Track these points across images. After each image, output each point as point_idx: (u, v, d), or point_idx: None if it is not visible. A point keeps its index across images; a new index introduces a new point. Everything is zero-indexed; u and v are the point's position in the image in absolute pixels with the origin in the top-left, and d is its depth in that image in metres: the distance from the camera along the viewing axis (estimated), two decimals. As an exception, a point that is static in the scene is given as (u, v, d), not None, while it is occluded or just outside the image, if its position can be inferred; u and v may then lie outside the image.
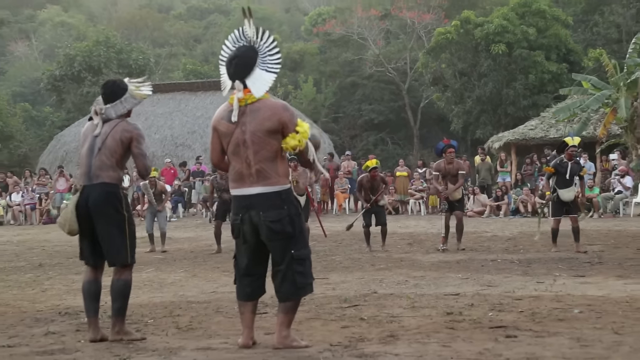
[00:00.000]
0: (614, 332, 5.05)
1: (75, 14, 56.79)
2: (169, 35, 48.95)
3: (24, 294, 8.21)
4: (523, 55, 30.25)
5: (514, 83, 30.48)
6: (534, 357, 4.30)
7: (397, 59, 35.90)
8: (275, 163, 4.67)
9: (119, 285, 5.23)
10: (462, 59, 31.49)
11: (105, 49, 39.15)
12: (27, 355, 4.82)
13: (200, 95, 29.82)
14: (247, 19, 4.75)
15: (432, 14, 35.10)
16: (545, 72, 30.17)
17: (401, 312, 6.11)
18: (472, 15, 31.04)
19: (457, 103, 31.89)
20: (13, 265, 11.39)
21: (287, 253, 4.65)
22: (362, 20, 36.48)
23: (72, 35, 48.36)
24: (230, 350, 4.74)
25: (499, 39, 29.94)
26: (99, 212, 5.15)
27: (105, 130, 5.21)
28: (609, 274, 8.54)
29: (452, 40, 30.96)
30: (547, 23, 31.06)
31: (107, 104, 5.26)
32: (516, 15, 30.72)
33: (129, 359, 4.55)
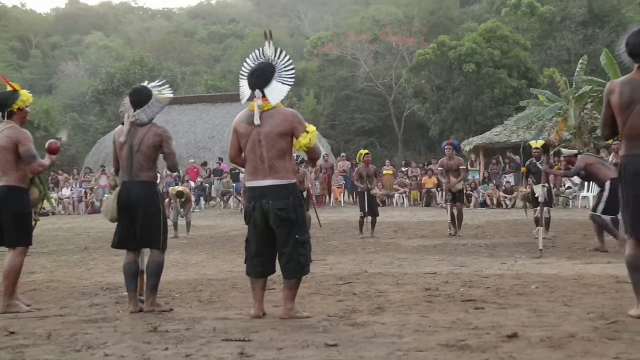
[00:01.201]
0: (564, 304, 5.08)
1: (115, 39, 56.85)
2: (193, 55, 48.92)
3: (72, 272, 8.23)
4: (489, 73, 30.38)
5: (482, 96, 30.57)
6: (498, 325, 4.30)
7: (384, 75, 35.91)
8: (285, 160, 4.73)
9: (153, 265, 5.26)
10: (438, 75, 31.51)
11: (140, 68, 39.15)
12: (75, 323, 4.85)
13: (219, 106, 29.82)
14: (268, 41, 4.88)
15: (413, 38, 35.11)
16: (507, 87, 30.33)
17: (387, 288, 6.14)
18: (447, 40, 31.08)
19: (435, 113, 31.91)
20: (63, 248, 11.40)
21: (291, 237, 4.69)
22: (355, 43, 36.52)
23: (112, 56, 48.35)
24: (244, 320, 4.76)
25: (469, 59, 30.07)
26: (139, 205, 5.18)
27: (140, 135, 5.22)
28: (561, 255, 8.58)
29: (430, 60, 31.01)
30: (509, 46, 31.23)
31: (135, 109, 5.26)
32: (483, 40, 30.86)
33: (160, 326, 4.56)
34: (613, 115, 4.48)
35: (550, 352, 3.57)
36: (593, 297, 5.36)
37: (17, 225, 5.45)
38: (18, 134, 5.40)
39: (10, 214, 5.40)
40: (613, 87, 4.48)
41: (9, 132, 5.41)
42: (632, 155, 4.43)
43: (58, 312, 5.39)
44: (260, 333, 4.26)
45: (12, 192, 5.44)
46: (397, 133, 35.71)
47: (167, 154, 5.29)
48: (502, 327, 4.23)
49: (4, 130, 5.43)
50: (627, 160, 4.47)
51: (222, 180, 23.57)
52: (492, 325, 4.32)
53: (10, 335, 4.48)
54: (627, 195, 4.49)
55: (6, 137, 5.37)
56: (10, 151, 5.37)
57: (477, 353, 3.58)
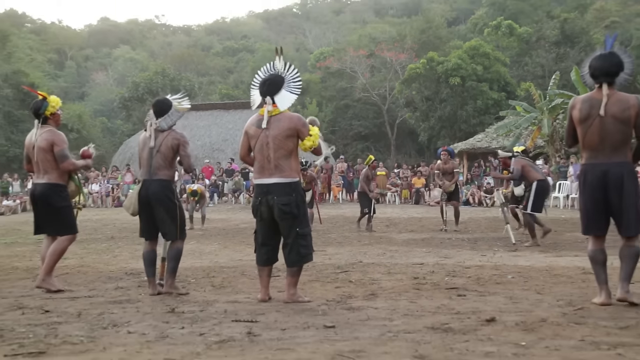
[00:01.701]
0: (536, 292, 5.08)
1: (140, 52, 56.96)
2: (209, 67, 49.00)
3: (100, 259, 8.24)
4: (473, 86, 30.36)
5: (466, 106, 30.55)
6: (478, 310, 4.31)
7: (379, 87, 35.88)
8: (290, 160, 4.73)
9: (172, 251, 5.29)
10: (427, 88, 31.49)
11: (162, 78, 39.20)
12: (102, 304, 4.86)
13: (232, 113, 29.80)
14: (278, 55, 4.92)
15: (405, 54, 35.07)
16: (489, 99, 30.34)
17: (380, 276, 6.13)
18: (435, 56, 31.06)
19: (424, 121, 31.90)
20: (92, 237, 11.40)
21: (293, 230, 4.69)
22: (353, 58, 36.50)
23: (138, 67, 48.47)
24: (251, 303, 4.76)
25: (455, 74, 30.07)
26: (157, 200, 5.19)
27: (160, 139, 5.24)
28: (534, 249, 8.57)
29: (420, 74, 31.01)
30: (491, 62, 31.22)
31: (157, 118, 5.29)
32: (468, 56, 30.85)
33: (177, 308, 4.56)
34: (574, 127, 4.56)
35: (524, 335, 3.57)
36: (562, 287, 5.36)
37: (61, 217, 5.52)
38: (54, 137, 5.48)
39: (53, 207, 5.48)
40: (575, 103, 4.57)
41: (46, 135, 5.48)
42: (591, 164, 4.50)
43: (87, 293, 5.40)
44: (266, 315, 4.27)
45: (53, 188, 5.50)
46: (390, 138, 35.70)
47: (183, 157, 5.31)
48: (481, 312, 4.24)
49: (42, 133, 5.50)
50: (586, 168, 4.53)
51: (233, 179, 23.59)
52: (472, 310, 4.32)
53: (45, 313, 4.50)
54: (585, 199, 4.55)
55: (44, 140, 5.45)
56: (49, 152, 5.45)
57: (459, 335, 3.59)
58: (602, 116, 4.34)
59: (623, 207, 4.35)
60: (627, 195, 4.35)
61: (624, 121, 4.33)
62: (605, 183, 4.39)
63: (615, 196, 4.37)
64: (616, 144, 4.37)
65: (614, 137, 4.36)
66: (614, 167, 4.38)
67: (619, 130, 4.34)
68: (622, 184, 4.35)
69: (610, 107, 4.34)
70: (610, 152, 4.38)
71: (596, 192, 4.43)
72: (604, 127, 4.36)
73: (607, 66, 4.40)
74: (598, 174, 4.41)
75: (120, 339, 3.63)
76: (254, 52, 49.73)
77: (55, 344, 3.54)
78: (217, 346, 3.41)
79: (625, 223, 4.37)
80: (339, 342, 3.46)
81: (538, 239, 9.01)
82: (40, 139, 5.45)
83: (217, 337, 3.61)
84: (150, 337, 3.65)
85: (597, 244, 4.50)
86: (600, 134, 4.38)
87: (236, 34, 63.95)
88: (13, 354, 3.32)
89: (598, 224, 4.47)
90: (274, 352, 3.26)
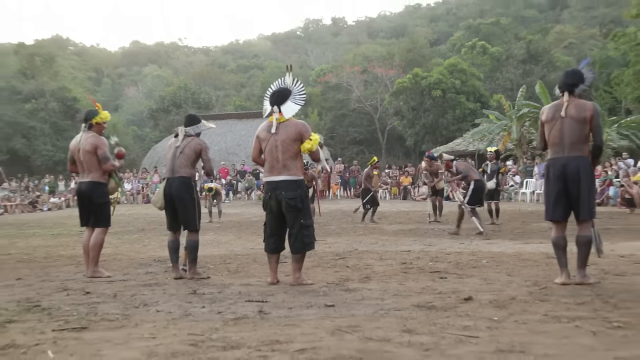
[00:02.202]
0: (507, 274, 5.08)
1: (166, 70, 56.79)
2: (225, 82, 48.85)
3: (132, 248, 8.25)
4: (452, 97, 30.26)
5: (446, 115, 30.46)
6: (457, 290, 4.30)
7: (371, 98, 35.77)
8: (295, 161, 4.73)
9: (191, 243, 5.29)
10: (413, 99, 31.38)
11: (184, 92, 39.09)
12: (134, 286, 4.87)
13: (244, 121, 29.73)
14: (288, 72, 4.94)
15: (394, 70, 35.01)
16: (466, 108, 30.25)
17: (373, 262, 6.13)
18: (420, 72, 30.97)
19: (410, 127, 31.83)
20: (125, 229, 11.42)
21: (297, 221, 4.69)
22: (349, 74, 36.40)
23: (164, 83, 48.36)
24: (262, 286, 4.76)
25: (437, 87, 29.95)
26: (179, 195, 5.19)
27: (184, 143, 5.29)
28: (505, 237, 8.57)
29: (407, 87, 30.90)
30: (467, 77, 31.13)
31: (187, 127, 5.36)
32: (447, 72, 30.77)
33: (198, 290, 4.56)
34: (544, 131, 4.64)
35: (496, 311, 3.57)
36: (529, 269, 5.36)
37: (100, 211, 5.53)
38: (97, 141, 5.52)
39: (94, 202, 5.49)
40: (543, 109, 4.73)
41: (91, 139, 5.52)
42: (553, 159, 4.58)
43: (121, 277, 5.41)
44: (275, 296, 4.27)
45: (95, 186, 5.52)
46: (381, 143, 35.62)
47: (205, 160, 5.34)
48: (460, 292, 4.24)
49: (87, 138, 5.54)
50: (551, 163, 4.61)
51: (246, 179, 23.63)
52: (452, 290, 4.32)
53: (86, 294, 4.50)
54: (548, 189, 4.61)
55: (89, 144, 5.49)
56: (92, 154, 5.48)
57: (441, 312, 3.59)
58: (563, 117, 4.47)
59: (579, 195, 4.43)
60: (583, 185, 4.42)
61: (580, 121, 4.42)
62: (565, 174, 4.46)
63: (573, 186, 4.44)
64: (574, 140, 4.45)
65: (572, 135, 4.45)
66: (572, 160, 4.45)
67: (576, 129, 4.44)
68: (579, 175, 4.42)
69: (569, 110, 4.47)
70: (569, 148, 4.46)
71: (557, 182, 4.50)
72: (564, 127, 4.47)
73: (568, 79, 4.56)
74: (559, 167, 4.49)
75: (150, 317, 3.63)
76: (264, 69, 49.58)
77: (95, 320, 3.55)
78: (233, 322, 3.42)
79: (581, 208, 4.45)
80: (338, 318, 3.46)
81: (460, 230, 9.09)
82: (86, 142, 5.49)
83: (233, 315, 3.61)
84: (175, 315, 3.66)
85: (559, 232, 4.58)
86: (561, 132, 4.48)
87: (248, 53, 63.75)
88: (60, 329, 3.33)
89: (558, 210, 4.52)
90: (282, 327, 3.26)
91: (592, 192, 4.50)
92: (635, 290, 4.20)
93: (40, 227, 13.18)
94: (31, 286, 5.01)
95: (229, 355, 2.69)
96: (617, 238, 7.79)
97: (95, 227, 5.53)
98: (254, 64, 55.25)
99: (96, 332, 3.24)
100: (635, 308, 3.60)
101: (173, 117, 37.39)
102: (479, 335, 2.98)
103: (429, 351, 2.71)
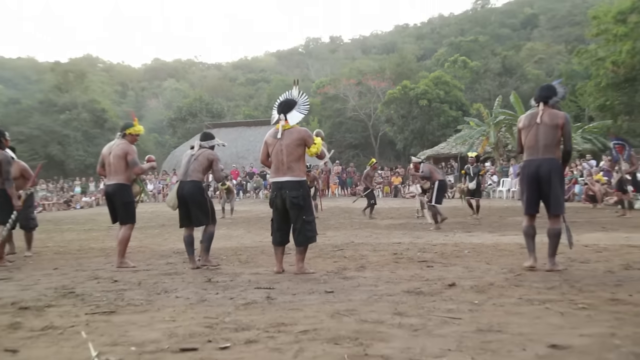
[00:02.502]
0: (486, 263, 5.07)
1: (183, 83, 56.71)
2: (235, 94, 48.79)
3: (154, 241, 8.24)
4: (437, 106, 30.22)
5: (432, 122, 30.42)
6: (442, 278, 4.30)
7: (365, 108, 35.74)
8: (299, 163, 4.72)
9: (206, 234, 5.34)
10: (402, 108, 31.35)
11: (199, 103, 39.18)
12: (157, 275, 4.86)
13: (252, 129, 29.75)
14: (295, 85, 4.96)
15: (385, 82, 34.97)
16: (449, 116, 30.22)
17: (367, 253, 6.11)
18: (408, 83, 30.98)
19: (400, 133, 31.80)
20: (148, 225, 11.41)
21: (300, 217, 4.67)
22: (346, 86, 36.38)
23: (181, 95, 48.32)
24: (269, 275, 4.75)
25: (423, 97, 29.95)
26: (190, 196, 5.22)
27: (199, 152, 5.38)
28: (484, 230, 8.54)
29: (397, 97, 30.89)
30: (450, 88, 31.09)
31: (203, 142, 5.49)
32: (432, 84, 30.76)
33: (212, 278, 4.56)
34: (521, 137, 4.69)
35: (477, 295, 3.57)
36: (505, 258, 5.35)
37: (126, 210, 5.53)
38: (128, 148, 5.54)
39: (121, 202, 5.50)
40: (521, 118, 4.79)
41: (122, 146, 5.54)
42: (528, 160, 4.62)
43: (145, 267, 5.40)
44: (281, 283, 4.26)
45: (122, 187, 5.53)
46: (374, 147, 35.57)
47: (215, 170, 5.41)
48: (445, 279, 4.23)
49: (120, 144, 5.56)
50: (526, 164, 4.65)
51: (254, 179, 23.65)
52: (438, 278, 4.31)
53: (114, 282, 4.50)
54: (524, 187, 4.65)
55: (121, 149, 5.51)
56: (122, 159, 5.49)
57: (428, 297, 3.58)
58: (539, 124, 4.52)
59: (550, 193, 4.46)
60: (554, 184, 4.46)
61: (553, 127, 4.47)
62: (538, 174, 4.49)
63: (545, 184, 4.48)
64: (547, 144, 4.49)
65: (546, 139, 4.49)
66: (544, 162, 4.48)
67: (549, 134, 4.48)
68: (550, 175, 4.45)
69: (544, 118, 4.52)
70: (543, 151, 4.50)
71: (532, 181, 4.53)
72: (539, 132, 4.52)
73: (543, 92, 4.64)
74: (533, 168, 4.52)
75: (170, 302, 3.63)
76: (269, 82, 49.49)
77: (122, 305, 3.55)
78: (244, 307, 3.41)
79: (552, 204, 4.48)
80: (337, 303, 3.46)
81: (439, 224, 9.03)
82: (118, 148, 5.50)
83: (244, 300, 3.61)
84: (192, 301, 3.65)
85: (529, 222, 4.64)
86: (536, 137, 4.53)
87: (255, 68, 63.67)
88: (92, 313, 3.33)
89: (532, 205, 4.58)
90: (287, 311, 3.26)
91: (562, 190, 4.52)
92: (597, 276, 4.21)
93: (74, 223, 13.19)
94: (66, 275, 5.02)
95: (240, 336, 2.68)
96: (581, 230, 7.79)
97: (122, 224, 5.53)
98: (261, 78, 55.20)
99: (123, 316, 3.24)
100: (597, 291, 3.60)
101: (189, 125, 37.44)
102: (462, 317, 2.97)
103: (418, 331, 2.71)
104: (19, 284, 4.62)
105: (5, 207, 5.86)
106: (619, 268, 4.57)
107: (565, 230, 4.57)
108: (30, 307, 3.55)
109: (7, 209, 5.86)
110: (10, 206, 5.85)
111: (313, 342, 2.54)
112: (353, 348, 2.42)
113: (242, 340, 2.60)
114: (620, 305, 3.20)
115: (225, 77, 56.47)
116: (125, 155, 5.47)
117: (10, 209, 5.87)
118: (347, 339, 2.58)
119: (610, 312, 3.02)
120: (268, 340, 2.59)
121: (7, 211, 5.86)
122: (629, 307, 3.13)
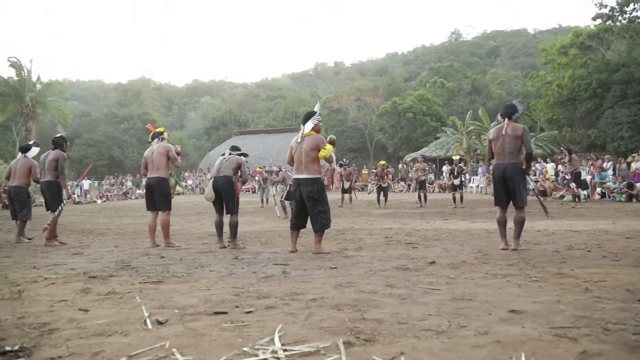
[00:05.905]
0: (460, 245, 5.03)
1: (216, 99, 56.65)
2: (258, 107, 48.67)
3: (192, 225, 8.26)
4: (420, 118, 30.11)
5: (417, 131, 30.27)
6: (424, 257, 4.26)
7: (363, 119, 35.64)
8: (314, 164, 4.66)
9: (232, 223, 5.31)
10: (393, 119, 31.19)
11: (229, 114, 39.34)
12: (195, 253, 4.85)
13: (272, 135, 29.73)
14: (319, 102, 5.07)
15: (379, 99, 34.94)
16: (430, 126, 30.07)
17: (364, 236, 6.09)
18: (397, 99, 30.93)
19: (391, 139, 31.66)
20: (188, 212, 11.44)
21: (316, 208, 4.62)
22: (347, 101, 36.31)
23: (215, 108, 48.33)
24: (285, 253, 4.73)
25: (409, 111, 29.87)
26: (222, 189, 5.21)
27: (229, 156, 5.39)
28: (459, 218, 8.49)
29: (388, 110, 30.80)
30: (431, 104, 30.99)
31: (232, 151, 5.50)
32: (417, 100, 30.65)
33: (239, 256, 4.55)
34: (491, 145, 4.76)
35: (452, 271, 3.54)
36: (475, 241, 5.31)
37: (164, 199, 5.48)
38: (169, 146, 5.51)
39: (160, 192, 5.44)
40: (490, 131, 4.85)
41: (164, 144, 5.51)
42: (497, 164, 4.68)
43: (185, 246, 5.40)
44: (294, 261, 4.25)
45: (162, 180, 5.47)
46: (370, 150, 35.49)
47: (242, 172, 5.37)
48: (426, 257, 4.20)
49: (161, 145, 5.51)
50: (495, 167, 4.69)
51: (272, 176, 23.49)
52: (421, 257, 4.28)
53: (162, 258, 4.51)
54: (494, 185, 4.69)
55: (163, 148, 5.46)
56: (165, 155, 5.44)
57: (413, 272, 3.56)
58: (504, 135, 4.59)
59: (515, 190, 4.52)
60: (517, 182, 4.52)
61: (516, 138, 4.54)
62: (504, 175, 4.56)
63: (511, 183, 4.54)
64: (511, 151, 4.56)
65: (510, 147, 4.56)
66: (509, 165, 4.55)
67: (513, 143, 4.56)
68: (514, 175, 4.52)
69: (508, 130, 4.58)
70: (508, 157, 4.57)
71: (500, 180, 4.59)
72: (505, 142, 4.58)
73: (507, 110, 4.71)
74: (501, 170, 4.59)
75: (205, 275, 3.63)
76: (285, 98, 49.43)
77: (167, 276, 3.55)
78: (264, 279, 3.40)
79: (517, 199, 4.53)
80: (339, 277, 3.44)
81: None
82: (160, 147, 5.45)
83: (264, 274, 3.60)
84: (223, 274, 3.65)
85: (502, 213, 4.67)
86: (503, 145, 4.60)
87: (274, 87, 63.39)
88: (144, 282, 3.34)
89: (501, 199, 4.62)
90: (299, 283, 3.24)
91: (524, 187, 4.55)
92: (547, 255, 4.18)
93: (130, 210, 13.25)
94: (124, 252, 5.04)
95: (262, 303, 2.68)
96: (534, 219, 7.72)
97: (161, 211, 5.46)
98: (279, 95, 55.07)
99: (168, 285, 3.24)
100: (547, 267, 3.58)
101: (221, 133, 37.56)
102: (440, 288, 2.94)
103: (405, 300, 2.69)
104: (88, 257, 4.66)
105: (57, 196, 5.84)
106: (564, 248, 4.56)
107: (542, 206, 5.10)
108: (97, 276, 3.57)
109: (59, 198, 5.84)
110: (61, 196, 5.85)
111: (320, 308, 2.53)
112: (353, 313, 2.40)
113: (263, 306, 2.59)
114: (565, 278, 3.18)
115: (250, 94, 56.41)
116: (167, 152, 5.42)
117: (60, 199, 5.85)
118: (348, 305, 2.57)
119: (557, 284, 2.99)
120: (284, 306, 2.58)
121: (58, 200, 5.84)
122: (571, 280, 3.11)
